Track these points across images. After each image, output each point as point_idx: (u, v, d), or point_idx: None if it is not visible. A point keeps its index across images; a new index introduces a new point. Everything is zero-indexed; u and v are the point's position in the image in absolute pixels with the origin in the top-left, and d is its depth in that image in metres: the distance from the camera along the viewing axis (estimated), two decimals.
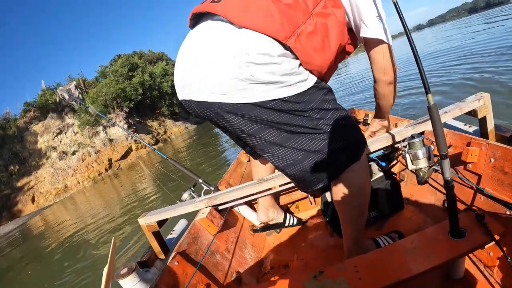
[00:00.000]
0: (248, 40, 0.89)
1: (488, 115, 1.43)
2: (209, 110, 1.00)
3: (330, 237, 1.67)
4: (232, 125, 1.01)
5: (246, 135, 1.02)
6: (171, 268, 1.28)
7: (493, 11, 47.78)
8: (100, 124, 23.40)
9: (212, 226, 1.56)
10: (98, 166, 20.97)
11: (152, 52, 36.29)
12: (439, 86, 6.41)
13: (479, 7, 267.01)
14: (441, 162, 0.93)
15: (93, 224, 7.40)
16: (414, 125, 1.41)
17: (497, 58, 7.20)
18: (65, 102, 24.05)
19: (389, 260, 0.98)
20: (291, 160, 1.03)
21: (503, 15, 22.57)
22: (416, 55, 0.92)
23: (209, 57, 0.94)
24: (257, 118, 0.97)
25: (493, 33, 12.89)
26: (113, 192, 12.26)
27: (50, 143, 22.61)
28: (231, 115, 0.97)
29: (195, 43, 1.00)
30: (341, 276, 0.95)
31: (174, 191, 5.51)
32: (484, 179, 1.22)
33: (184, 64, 1.02)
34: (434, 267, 0.91)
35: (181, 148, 14.14)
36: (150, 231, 1.75)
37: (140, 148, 22.80)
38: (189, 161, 10.65)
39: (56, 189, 19.64)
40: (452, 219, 0.96)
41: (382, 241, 1.37)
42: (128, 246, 4.74)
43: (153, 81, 28.48)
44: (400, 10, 0.95)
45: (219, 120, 1.03)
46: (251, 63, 0.88)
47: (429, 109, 0.94)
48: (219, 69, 0.91)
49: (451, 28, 31.16)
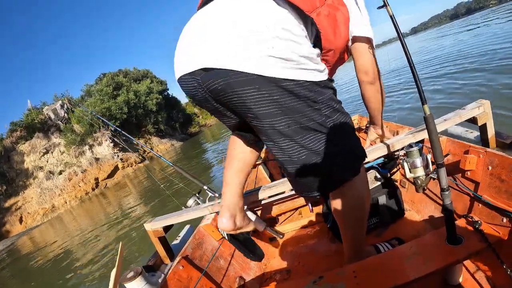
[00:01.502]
0: (272, 11, 0.88)
1: (488, 122, 1.46)
2: (219, 80, 0.90)
3: (332, 243, 1.69)
4: (241, 101, 0.92)
5: (253, 115, 0.94)
6: (176, 272, 1.32)
7: (473, 16, 48.25)
8: (86, 143, 23.59)
9: (216, 232, 1.60)
10: (85, 186, 21.02)
11: (137, 70, 36.86)
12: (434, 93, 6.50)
13: (460, 14, 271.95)
14: (437, 171, 0.96)
15: (81, 244, 7.36)
16: (414, 132, 1.43)
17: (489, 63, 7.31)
18: (51, 121, 24.00)
19: (387, 265, 1.01)
20: (295, 157, 0.98)
21: (484, 20, 23.06)
22: (412, 67, 0.96)
23: (226, 23, 0.88)
24: (270, 97, 0.90)
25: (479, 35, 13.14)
26: (101, 211, 12.22)
27: (37, 163, 22.69)
28: (243, 88, 0.89)
29: (211, 11, 0.95)
30: (340, 281, 0.98)
31: (164, 207, 5.52)
32: (482, 187, 1.24)
33: (195, 29, 0.96)
34: (431, 273, 0.93)
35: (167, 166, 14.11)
36: (156, 236, 1.79)
37: (126, 167, 22.82)
38: (177, 174, 10.62)
39: (43, 209, 19.62)
40: (448, 226, 0.99)
41: (382, 248, 1.39)
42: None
43: (138, 100, 28.97)
44: (397, 22, 0.99)
45: (226, 95, 0.93)
46: (273, 36, 0.86)
47: (425, 120, 0.97)
48: (238, 36, 0.86)
49: (434, 37, 31.28)
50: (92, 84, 30.32)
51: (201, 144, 21.96)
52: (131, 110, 28.02)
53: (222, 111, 1.06)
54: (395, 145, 1.39)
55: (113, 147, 23.79)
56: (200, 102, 1.05)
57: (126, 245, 5.32)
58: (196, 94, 1.01)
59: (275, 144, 0.98)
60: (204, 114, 52.15)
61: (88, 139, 23.90)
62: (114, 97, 27.14)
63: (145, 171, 20.88)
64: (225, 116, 1.10)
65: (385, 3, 0.97)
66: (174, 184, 5.03)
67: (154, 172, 15.36)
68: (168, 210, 1.87)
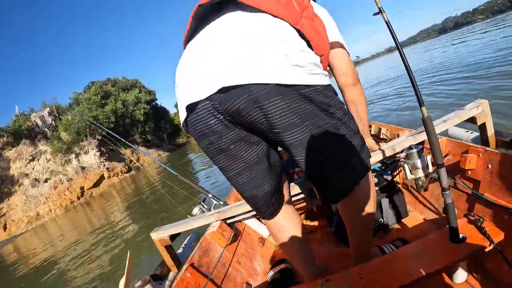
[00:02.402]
0: (276, 23, 0.89)
1: (487, 121, 1.48)
2: (241, 97, 0.86)
3: (336, 247, 1.70)
4: (265, 115, 0.88)
5: (280, 129, 0.90)
6: (184, 279, 1.33)
7: (462, 30, 48.93)
8: (72, 152, 23.48)
9: (223, 239, 1.61)
10: (70, 194, 20.85)
11: (126, 79, 36.95)
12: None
13: (449, 28, 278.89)
14: (438, 171, 0.98)
15: (65, 254, 7.26)
16: (415, 134, 1.45)
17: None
18: (39, 128, 23.87)
19: (391, 266, 1.03)
20: (318, 165, 0.97)
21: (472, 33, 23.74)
22: (409, 70, 0.98)
23: (235, 40, 0.86)
24: (293, 106, 0.88)
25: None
26: (85, 220, 12.09)
27: (23, 170, 22.49)
28: (268, 101, 0.86)
29: (210, 35, 0.93)
30: (346, 283, 1.00)
31: (148, 218, 5.44)
32: (483, 185, 1.26)
33: (197, 56, 0.92)
34: (435, 271, 0.95)
35: (153, 177, 13.93)
36: (162, 245, 1.80)
37: (112, 176, 22.72)
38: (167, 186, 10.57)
39: (28, 217, 19.40)
40: (451, 225, 1.00)
41: (387, 249, 1.40)
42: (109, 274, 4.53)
43: (126, 109, 29.02)
44: (392, 28, 1.02)
45: (250, 112, 0.88)
46: (285, 46, 0.87)
47: (423, 121, 0.99)
48: (251, 49, 0.85)
49: (420, 51, 31.72)
50: (81, 92, 30.55)
51: (186, 154, 21.88)
52: (119, 120, 28.02)
53: (245, 138, 0.99)
54: (396, 148, 1.41)
55: (100, 156, 23.76)
56: (214, 136, 0.97)
57: (107, 255, 5.26)
58: (211, 125, 0.94)
59: (300, 155, 0.95)
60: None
61: (75, 147, 23.83)
62: (102, 106, 27.16)
63: (169, 160, 20.63)
64: (252, 144, 1.02)
65: (381, 10, 1.00)
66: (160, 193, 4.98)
67: (140, 182, 15.30)
68: (155, 221, 1.90)
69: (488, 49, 11.33)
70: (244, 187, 1.08)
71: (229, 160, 1.03)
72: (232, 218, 1.71)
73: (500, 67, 7.02)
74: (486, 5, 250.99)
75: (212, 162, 1.08)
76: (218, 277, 1.47)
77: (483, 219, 1.07)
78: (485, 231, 1.01)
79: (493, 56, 8.99)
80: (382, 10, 1.01)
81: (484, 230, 1.02)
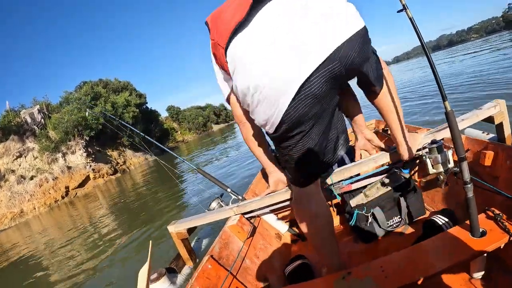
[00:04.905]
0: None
1: (504, 120, 1.49)
2: (355, 46, 0.96)
3: (355, 242, 1.71)
4: (364, 58, 1.02)
5: (364, 73, 1.07)
6: (205, 270, 1.36)
7: (457, 48, 48.80)
8: (59, 151, 23.44)
9: (242, 233, 1.64)
10: (55, 193, 20.74)
11: (118, 81, 36.92)
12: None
13: (442, 45, 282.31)
14: (459, 165, 0.99)
15: (47, 250, 7.16)
16: (434, 132, 1.47)
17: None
18: (28, 125, 23.85)
19: (413, 259, 1.04)
20: (372, 73, 1.12)
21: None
22: (433, 65, 1.00)
23: (322, 6, 0.95)
24: (369, 48, 1.04)
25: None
26: (69, 219, 11.87)
27: (9, 166, 22.36)
28: (365, 45, 0.99)
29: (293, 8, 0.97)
30: (367, 276, 1.02)
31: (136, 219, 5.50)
32: (501, 181, 1.27)
33: (303, 16, 0.95)
34: (455, 264, 0.96)
35: (139, 180, 13.71)
36: (179, 238, 1.84)
37: (98, 177, 22.68)
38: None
39: (12, 213, 19.26)
40: (472, 219, 1.01)
41: (439, 220, 1.38)
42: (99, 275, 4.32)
43: (115, 111, 28.86)
44: (416, 25, 1.03)
45: (360, 58, 0.99)
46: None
47: (446, 115, 1.01)
48: (338, 12, 0.96)
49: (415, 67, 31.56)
50: (72, 92, 30.51)
51: (175, 157, 20.98)
52: (107, 121, 27.60)
53: (333, 94, 1.03)
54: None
55: (86, 157, 23.76)
56: (327, 91, 0.98)
57: (88, 253, 5.22)
58: (335, 78, 0.97)
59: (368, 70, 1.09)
60: (183, 130, 51.83)
61: (62, 146, 23.74)
62: (92, 107, 27.17)
63: (155, 165, 20.61)
64: (332, 99, 1.04)
65: (405, 7, 1.02)
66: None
67: (125, 184, 15.32)
68: (140, 222, 1.91)
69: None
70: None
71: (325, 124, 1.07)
72: (251, 213, 1.74)
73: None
74: (481, 24, 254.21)
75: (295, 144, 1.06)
76: (237, 270, 1.50)
77: (502, 214, 1.08)
78: (505, 226, 1.02)
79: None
80: (406, 7, 1.03)
81: (504, 225, 1.02)
